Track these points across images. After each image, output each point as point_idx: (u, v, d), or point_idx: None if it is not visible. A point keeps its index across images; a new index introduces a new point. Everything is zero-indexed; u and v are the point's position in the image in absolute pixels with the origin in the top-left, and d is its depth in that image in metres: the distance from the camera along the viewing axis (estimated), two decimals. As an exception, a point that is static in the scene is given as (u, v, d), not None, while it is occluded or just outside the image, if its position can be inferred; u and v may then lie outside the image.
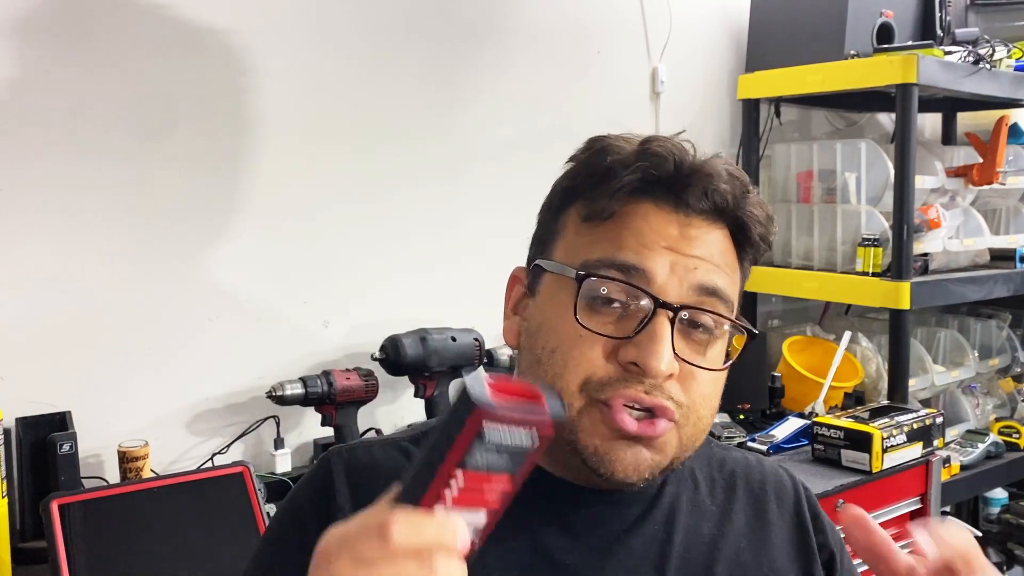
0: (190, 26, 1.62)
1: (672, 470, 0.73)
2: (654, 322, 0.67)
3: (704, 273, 0.69)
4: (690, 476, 0.80)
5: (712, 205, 0.71)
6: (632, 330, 0.67)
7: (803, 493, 0.85)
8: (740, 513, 0.79)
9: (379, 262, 1.87)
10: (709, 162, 0.71)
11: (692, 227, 0.70)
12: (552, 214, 0.76)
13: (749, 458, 0.86)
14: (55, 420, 1.45)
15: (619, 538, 0.73)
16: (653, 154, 0.70)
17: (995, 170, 2.24)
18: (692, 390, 0.69)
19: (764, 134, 2.39)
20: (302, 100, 1.76)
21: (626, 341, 0.67)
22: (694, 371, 0.69)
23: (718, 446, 0.86)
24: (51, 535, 1.17)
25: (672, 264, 0.69)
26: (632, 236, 0.69)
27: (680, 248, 0.69)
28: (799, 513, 0.82)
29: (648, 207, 0.70)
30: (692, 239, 0.70)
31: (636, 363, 0.66)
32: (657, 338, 0.66)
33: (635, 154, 0.71)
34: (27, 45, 1.47)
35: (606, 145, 0.73)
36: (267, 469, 1.67)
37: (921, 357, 2.26)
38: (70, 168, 1.52)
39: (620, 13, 2.24)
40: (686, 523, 0.76)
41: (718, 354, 0.72)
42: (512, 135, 2.04)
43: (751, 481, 0.82)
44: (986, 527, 2.40)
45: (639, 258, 0.68)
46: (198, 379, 1.66)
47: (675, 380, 0.68)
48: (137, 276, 1.59)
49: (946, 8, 2.31)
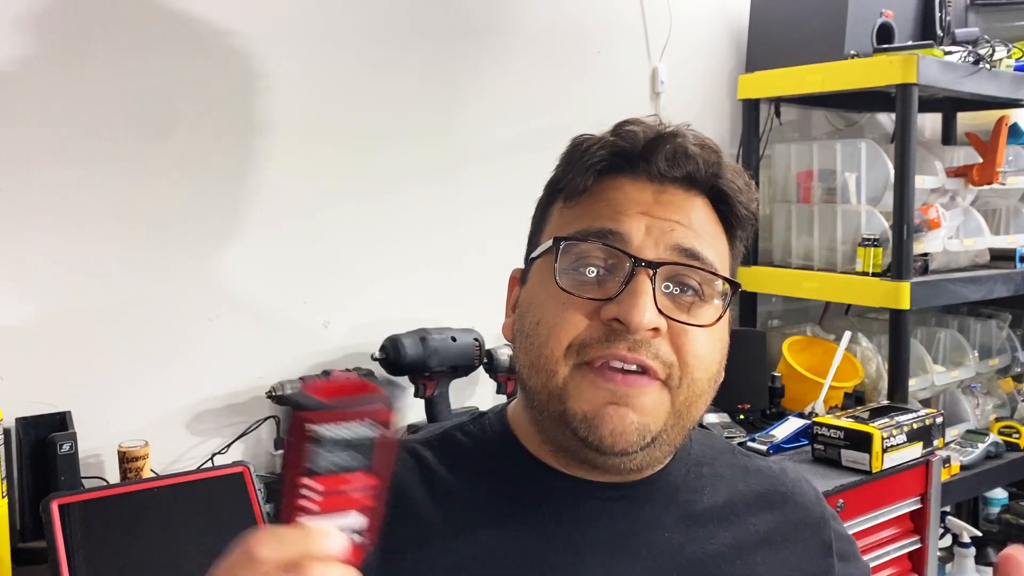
0: (192, 27, 1.62)
1: (670, 446, 0.71)
2: (634, 280, 0.67)
3: (681, 236, 0.70)
4: (709, 482, 0.78)
5: (684, 173, 0.71)
6: (614, 292, 0.67)
7: (829, 515, 0.83)
8: (760, 526, 0.77)
9: (379, 262, 1.87)
10: (676, 129, 0.72)
11: (667, 194, 0.71)
12: (540, 211, 0.79)
13: (773, 467, 0.84)
14: (55, 420, 1.45)
15: (628, 541, 0.72)
16: (623, 131, 0.72)
17: (995, 170, 2.24)
18: (684, 349, 0.68)
19: (764, 134, 2.39)
20: (302, 100, 1.76)
21: (608, 302, 0.67)
22: (685, 329, 0.68)
23: (742, 453, 0.84)
24: (51, 535, 1.16)
25: (648, 227, 0.69)
26: (607, 206, 0.71)
27: (655, 212, 0.70)
28: (823, 536, 0.80)
29: (623, 180, 0.72)
30: (667, 204, 0.71)
31: (618, 319, 0.66)
32: (637, 292, 0.66)
33: (608, 135, 0.74)
34: (28, 45, 1.47)
35: (583, 137, 0.76)
36: (267, 469, 1.67)
37: (921, 357, 2.26)
38: (70, 168, 1.51)
39: (620, 13, 2.24)
40: (702, 531, 0.75)
41: (710, 316, 0.70)
42: (512, 135, 2.04)
43: (775, 493, 0.80)
44: (986, 527, 2.40)
45: (614, 223, 0.69)
46: (198, 379, 1.66)
47: (664, 339, 0.68)
48: (137, 276, 1.59)
49: (946, 8, 2.31)
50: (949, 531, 2.23)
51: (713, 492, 0.78)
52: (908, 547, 1.83)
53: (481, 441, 0.78)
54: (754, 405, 2.05)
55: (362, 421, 0.47)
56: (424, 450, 0.77)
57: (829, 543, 0.80)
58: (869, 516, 1.74)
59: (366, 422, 0.48)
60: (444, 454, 0.77)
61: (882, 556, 1.78)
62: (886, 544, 1.79)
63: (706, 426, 1.84)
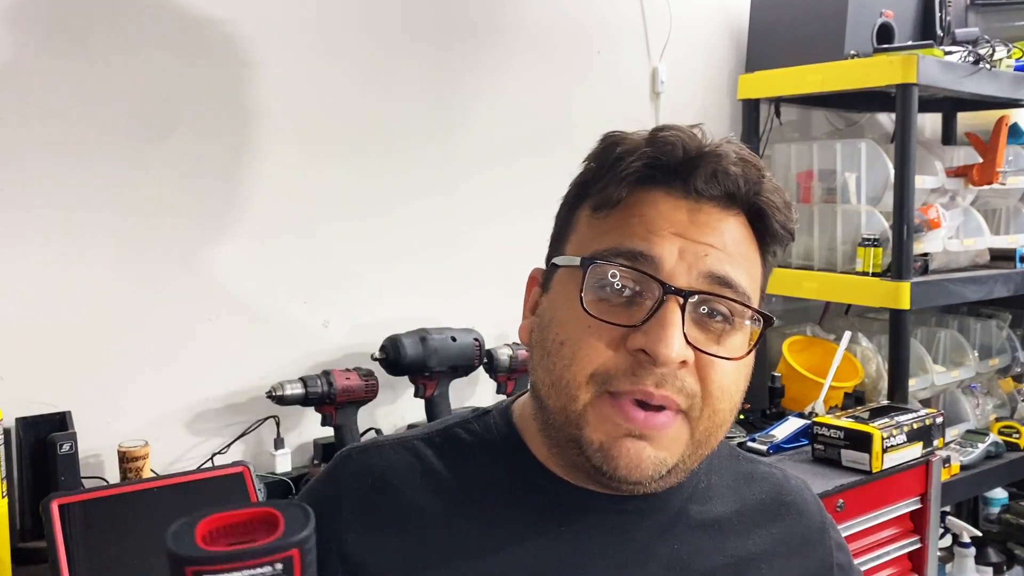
0: (191, 27, 1.62)
1: (686, 472, 0.70)
2: (663, 308, 0.64)
3: (715, 261, 0.67)
4: (717, 492, 0.78)
5: (723, 190, 0.68)
6: (641, 318, 0.65)
7: (829, 524, 0.83)
8: (766, 536, 0.77)
9: (379, 262, 1.87)
10: (718, 146, 0.69)
11: (703, 213, 0.68)
12: (567, 211, 0.75)
13: (776, 475, 0.83)
14: (55, 420, 1.45)
15: (639, 552, 0.71)
16: (662, 141, 0.68)
17: (995, 170, 2.24)
18: (710, 380, 0.66)
19: (764, 134, 2.39)
20: (302, 101, 1.76)
21: (635, 329, 0.65)
22: (713, 361, 0.66)
23: (746, 459, 0.83)
24: (51, 535, 1.16)
25: (681, 250, 0.66)
26: (640, 223, 0.67)
27: (689, 234, 0.67)
28: (824, 546, 0.80)
29: (657, 194, 0.68)
30: (702, 225, 0.67)
31: (644, 350, 0.64)
32: (666, 324, 0.64)
33: (644, 142, 0.69)
34: (26, 44, 1.47)
35: (617, 138, 0.71)
36: (267, 469, 1.67)
37: (921, 357, 2.26)
38: (70, 168, 1.51)
39: (620, 13, 2.24)
40: (709, 543, 0.74)
41: (739, 346, 0.68)
42: (512, 136, 2.04)
43: (779, 503, 0.80)
44: (986, 527, 2.40)
45: (647, 244, 0.66)
46: (198, 379, 1.66)
47: (690, 371, 0.66)
48: (137, 276, 1.59)
49: (946, 8, 2.31)
50: (949, 531, 2.23)
51: (721, 502, 0.77)
52: (908, 547, 1.83)
53: (485, 441, 0.76)
54: (754, 405, 2.06)
55: (262, 565, 0.41)
56: (425, 447, 0.76)
57: (830, 554, 0.81)
58: (869, 516, 1.74)
59: (271, 565, 0.41)
60: (446, 452, 0.75)
61: (882, 556, 1.78)
62: (886, 544, 1.79)
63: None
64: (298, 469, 1.72)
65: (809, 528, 0.80)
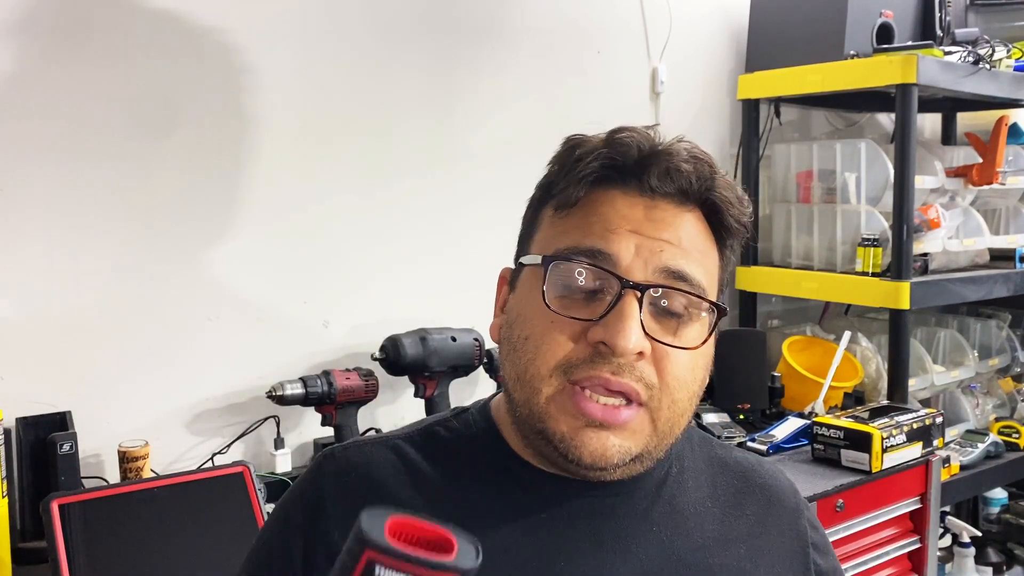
0: (189, 26, 1.62)
1: (652, 460, 0.73)
2: (621, 302, 0.67)
3: (670, 256, 0.70)
4: (691, 476, 0.80)
5: (676, 187, 0.71)
6: (601, 312, 0.68)
7: (803, 505, 0.84)
8: (742, 518, 0.79)
9: (379, 262, 1.87)
10: (671, 145, 0.72)
11: (658, 209, 0.71)
12: (532, 211, 0.78)
13: (750, 459, 0.85)
14: (55, 420, 1.45)
15: (620, 535, 0.73)
16: (618, 142, 0.72)
17: (995, 170, 2.24)
18: (666, 371, 0.69)
19: (764, 134, 2.39)
20: (302, 100, 1.76)
21: (595, 323, 0.68)
22: (668, 351, 0.69)
23: (719, 445, 0.86)
24: (51, 535, 1.17)
25: (637, 246, 0.69)
26: (599, 222, 0.71)
27: (645, 231, 0.70)
28: (799, 526, 0.82)
29: (615, 193, 0.72)
30: (658, 221, 0.70)
31: (604, 342, 0.67)
32: (624, 316, 0.67)
33: (602, 143, 0.73)
34: (26, 45, 1.47)
35: (577, 140, 0.75)
36: (267, 469, 1.67)
37: (921, 357, 2.27)
38: (70, 168, 1.51)
39: (620, 13, 2.24)
40: (687, 524, 0.76)
41: (695, 337, 0.71)
42: (512, 135, 2.04)
43: (753, 485, 0.82)
44: (986, 527, 2.40)
45: (604, 242, 0.69)
46: (198, 379, 1.66)
47: (648, 362, 0.69)
48: (137, 276, 1.59)
49: (946, 8, 2.31)
50: (949, 531, 2.23)
51: (696, 487, 0.79)
52: (908, 547, 1.83)
53: (464, 437, 0.78)
54: (754, 405, 2.05)
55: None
56: (406, 446, 0.77)
57: (805, 532, 0.82)
58: (869, 516, 1.74)
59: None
60: (426, 449, 0.77)
61: (882, 556, 1.78)
62: (886, 544, 1.79)
63: (705, 426, 1.85)
64: (298, 469, 1.72)
65: (784, 509, 0.82)
